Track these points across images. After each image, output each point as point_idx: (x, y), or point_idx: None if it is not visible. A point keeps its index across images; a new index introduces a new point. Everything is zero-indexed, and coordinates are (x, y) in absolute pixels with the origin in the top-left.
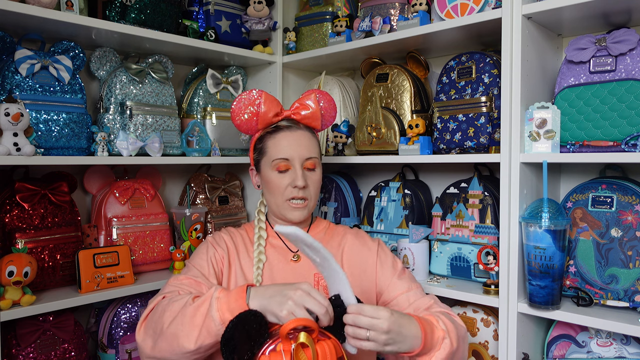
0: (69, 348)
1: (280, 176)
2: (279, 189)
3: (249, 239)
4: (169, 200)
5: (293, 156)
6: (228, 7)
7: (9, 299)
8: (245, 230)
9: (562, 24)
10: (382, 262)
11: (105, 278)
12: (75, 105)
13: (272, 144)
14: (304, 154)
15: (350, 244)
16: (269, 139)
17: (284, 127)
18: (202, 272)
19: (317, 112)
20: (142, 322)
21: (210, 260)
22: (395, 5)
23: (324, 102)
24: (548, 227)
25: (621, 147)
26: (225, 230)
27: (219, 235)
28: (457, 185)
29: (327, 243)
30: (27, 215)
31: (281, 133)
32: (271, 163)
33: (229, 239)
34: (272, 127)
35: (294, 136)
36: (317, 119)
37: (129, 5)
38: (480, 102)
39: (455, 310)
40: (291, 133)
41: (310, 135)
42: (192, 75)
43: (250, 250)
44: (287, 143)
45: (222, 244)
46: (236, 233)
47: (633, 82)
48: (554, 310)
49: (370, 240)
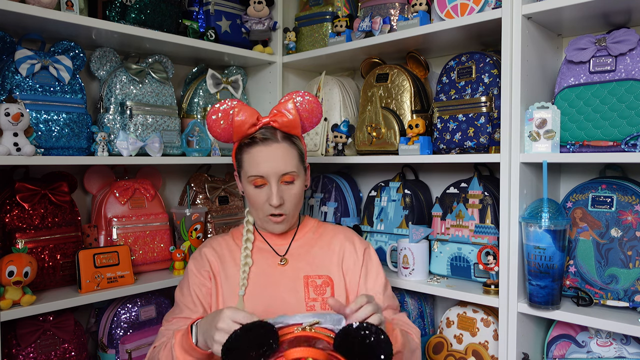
0: (69, 348)
1: (257, 191)
2: (257, 204)
3: (235, 245)
4: (169, 200)
5: (268, 172)
6: (228, 7)
7: (9, 299)
8: (231, 236)
9: (562, 24)
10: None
11: (105, 278)
12: (75, 105)
13: (248, 158)
14: (280, 169)
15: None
16: (245, 152)
17: (259, 140)
18: (188, 307)
19: (296, 119)
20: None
21: (194, 291)
22: (395, 5)
23: (306, 104)
24: (548, 227)
25: (621, 147)
26: (207, 244)
27: (200, 253)
28: (457, 185)
29: (316, 243)
30: (27, 215)
31: (256, 147)
32: (247, 178)
33: (212, 252)
34: (249, 139)
35: (269, 150)
36: (297, 126)
37: (129, 5)
38: (480, 102)
39: (455, 310)
40: (266, 147)
41: (288, 147)
42: (192, 75)
43: (237, 256)
44: (263, 159)
45: (204, 264)
46: (221, 241)
47: (633, 82)
48: (554, 310)
49: (359, 243)
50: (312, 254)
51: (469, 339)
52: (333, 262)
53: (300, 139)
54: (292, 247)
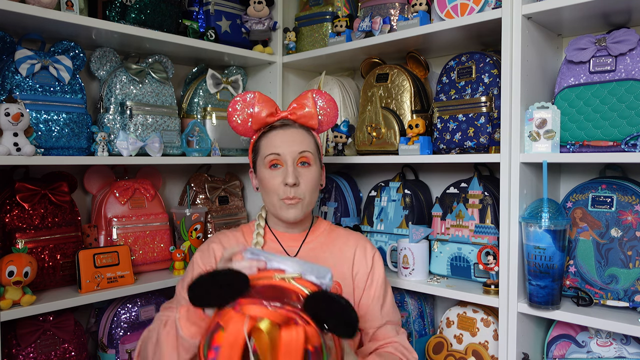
0: (69, 348)
1: (272, 174)
2: (272, 187)
3: (245, 240)
4: (169, 200)
5: (284, 151)
6: (228, 7)
7: (9, 299)
8: (241, 232)
9: (562, 24)
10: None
11: (105, 278)
12: (75, 105)
13: (265, 142)
14: (296, 148)
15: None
16: (263, 138)
17: (278, 126)
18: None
19: (313, 110)
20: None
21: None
22: (395, 5)
23: (323, 101)
24: (548, 227)
25: (621, 147)
26: (216, 239)
27: (208, 247)
28: (457, 185)
29: (327, 247)
30: (27, 215)
31: (274, 131)
32: (264, 160)
33: (220, 248)
34: (267, 127)
35: (286, 132)
36: (314, 117)
37: (129, 5)
38: (480, 102)
39: (455, 310)
40: (284, 131)
41: (305, 132)
42: (192, 75)
43: None
44: (280, 139)
45: (210, 259)
46: (230, 237)
47: (633, 82)
48: (554, 310)
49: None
50: (323, 259)
51: (469, 339)
52: (344, 269)
53: (316, 135)
54: (303, 250)
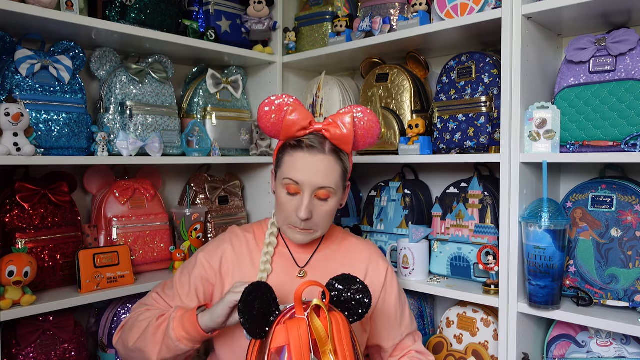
0: (69, 348)
1: (288, 198)
2: (285, 211)
3: (256, 243)
4: (169, 200)
5: (304, 182)
6: (228, 7)
7: (9, 299)
8: (253, 233)
9: (562, 24)
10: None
11: (105, 278)
12: (75, 105)
13: (288, 160)
14: (318, 182)
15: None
16: (288, 154)
17: (305, 147)
18: (179, 292)
19: (350, 134)
20: (119, 330)
21: (194, 281)
22: (395, 5)
23: (366, 122)
24: (548, 227)
25: (621, 147)
26: (226, 238)
27: (215, 247)
28: (457, 185)
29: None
30: (27, 215)
31: (300, 153)
32: (282, 180)
33: (229, 248)
34: (295, 141)
35: (312, 160)
36: (348, 142)
37: (129, 5)
38: (480, 102)
39: (455, 310)
40: (310, 156)
41: (333, 161)
42: (192, 75)
43: (255, 256)
44: (303, 166)
45: (215, 259)
46: (241, 237)
47: (633, 82)
48: (554, 310)
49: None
50: (333, 270)
51: (469, 339)
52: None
53: (348, 156)
54: (314, 259)
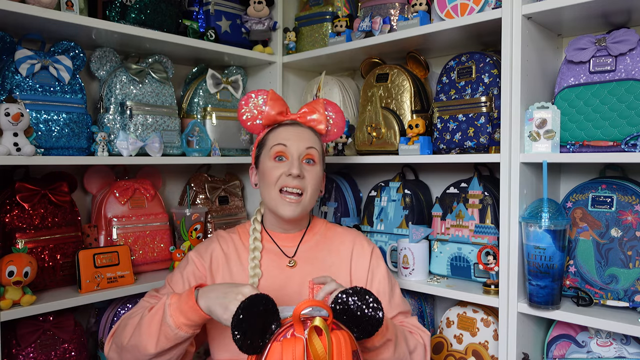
0: (69, 348)
1: (276, 165)
2: (274, 178)
3: (242, 245)
4: (169, 200)
5: (292, 144)
6: (228, 7)
7: (9, 299)
8: (238, 234)
9: (562, 24)
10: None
11: (105, 278)
12: (75, 105)
13: (273, 135)
14: (304, 144)
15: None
16: (271, 132)
17: (287, 124)
18: (173, 289)
19: (322, 117)
20: (110, 337)
21: (187, 277)
22: (395, 5)
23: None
24: (548, 227)
25: (621, 147)
26: (215, 240)
27: (204, 246)
28: (457, 185)
29: (324, 247)
30: (27, 215)
31: (283, 127)
32: (270, 151)
33: (217, 247)
34: (276, 124)
35: (295, 129)
36: (323, 122)
37: (129, 5)
38: (480, 102)
39: (455, 310)
40: (293, 127)
41: (312, 132)
42: (192, 75)
43: (243, 257)
44: (288, 133)
45: (205, 256)
46: (227, 238)
47: (633, 82)
48: (554, 310)
49: (367, 247)
50: (320, 259)
51: (469, 339)
52: (341, 268)
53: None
54: (300, 250)
